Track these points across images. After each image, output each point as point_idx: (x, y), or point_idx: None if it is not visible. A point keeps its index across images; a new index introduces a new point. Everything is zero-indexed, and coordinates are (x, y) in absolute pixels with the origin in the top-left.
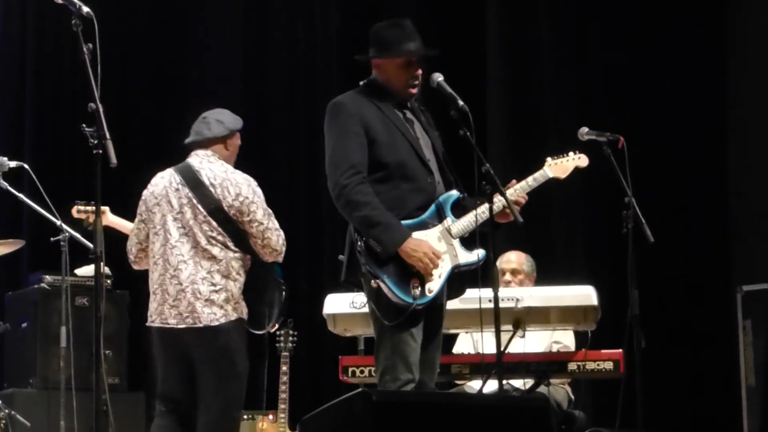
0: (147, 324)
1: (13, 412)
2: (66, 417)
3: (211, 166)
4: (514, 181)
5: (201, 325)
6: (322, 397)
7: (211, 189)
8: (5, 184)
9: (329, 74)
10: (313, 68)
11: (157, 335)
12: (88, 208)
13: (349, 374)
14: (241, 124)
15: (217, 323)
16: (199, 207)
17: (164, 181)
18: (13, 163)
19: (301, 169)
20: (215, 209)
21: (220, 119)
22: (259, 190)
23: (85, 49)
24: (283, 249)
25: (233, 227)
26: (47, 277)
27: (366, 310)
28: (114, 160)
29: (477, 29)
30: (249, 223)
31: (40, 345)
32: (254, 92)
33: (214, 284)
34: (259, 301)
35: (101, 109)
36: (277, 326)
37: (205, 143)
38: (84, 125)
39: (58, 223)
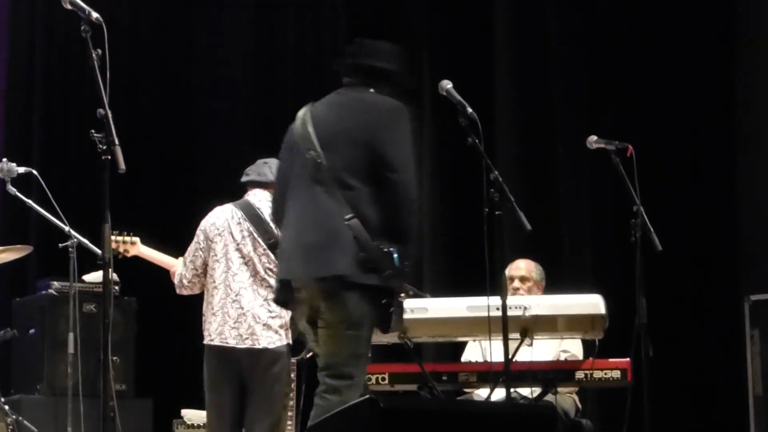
0: (205, 342)
1: (20, 418)
2: (73, 423)
3: (270, 205)
4: None
5: (260, 347)
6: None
7: (271, 225)
8: (14, 190)
9: (336, 74)
10: (321, 73)
11: (215, 353)
12: (120, 238)
13: None
14: None
15: (273, 346)
16: (260, 240)
17: (225, 215)
18: (21, 169)
19: None
20: (274, 243)
21: None
22: None
23: (94, 55)
24: None
25: None
26: (55, 283)
27: None
28: (123, 166)
29: (485, 36)
30: None
31: (48, 351)
32: (262, 96)
33: (270, 311)
34: (295, 330)
35: (110, 115)
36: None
37: (265, 185)
38: (93, 131)
39: (66, 229)
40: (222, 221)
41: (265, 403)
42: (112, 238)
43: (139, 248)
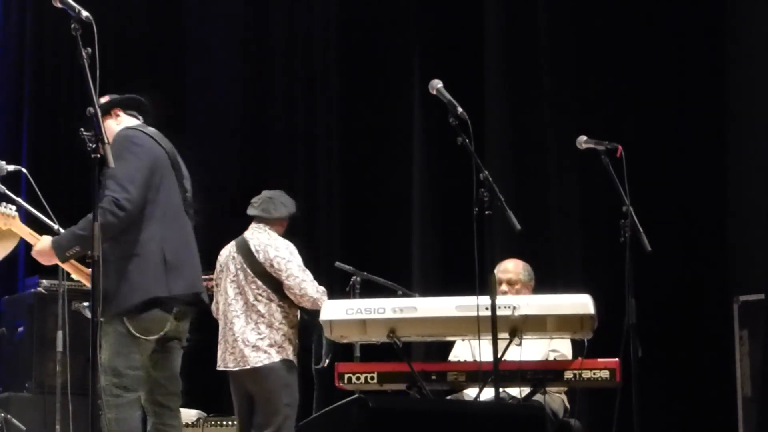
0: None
1: (9, 416)
2: (62, 421)
3: (259, 236)
4: None
5: (249, 367)
6: (318, 403)
7: (256, 255)
8: (3, 188)
9: (328, 75)
10: (312, 68)
11: (226, 377)
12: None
13: (345, 381)
14: (295, 206)
15: (261, 364)
16: (248, 270)
17: (226, 252)
18: (11, 167)
19: (300, 176)
20: (260, 271)
21: (285, 203)
22: (296, 253)
23: (83, 54)
24: (321, 296)
25: (276, 284)
26: (44, 281)
27: (362, 316)
28: (112, 164)
29: (476, 36)
30: (287, 278)
31: (37, 349)
32: (253, 96)
33: (259, 333)
34: (310, 342)
35: (99, 113)
36: (327, 361)
37: (267, 220)
38: (82, 129)
39: (56, 227)
40: (223, 258)
41: (264, 414)
42: None
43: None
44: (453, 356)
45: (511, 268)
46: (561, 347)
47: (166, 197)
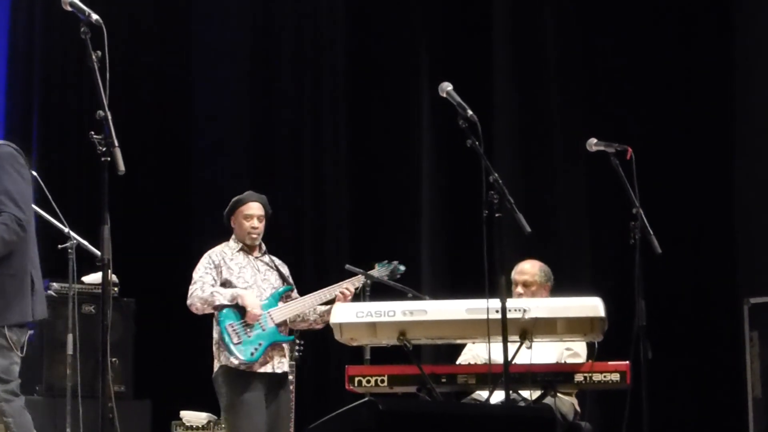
0: None
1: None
2: (72, 425)
3: None
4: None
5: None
6: (328, 406)
7: None
8: None
9: (336, 77)
10: (320, 68)
11: None
12: None
13: (356, 384)
14: (229, 206)
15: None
16: None
17: None
18: None
19: (307, 179)
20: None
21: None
22: (201, 261)
23: (93, 57)
24: (193, 302)
25: None
26: (54, 284)
27: (372, 319)
28: (122, 167)
29: (484, 38)
30: None
31: (47, 352)
32: (260, 97)
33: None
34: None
35: (109, 117)
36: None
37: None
38: (92, 132)
39: (66, 230)
40: None
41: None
42: None
43: None
44: (467, 350)
45: (527, 269)
46: (575, 345)
47: (32, 220)
